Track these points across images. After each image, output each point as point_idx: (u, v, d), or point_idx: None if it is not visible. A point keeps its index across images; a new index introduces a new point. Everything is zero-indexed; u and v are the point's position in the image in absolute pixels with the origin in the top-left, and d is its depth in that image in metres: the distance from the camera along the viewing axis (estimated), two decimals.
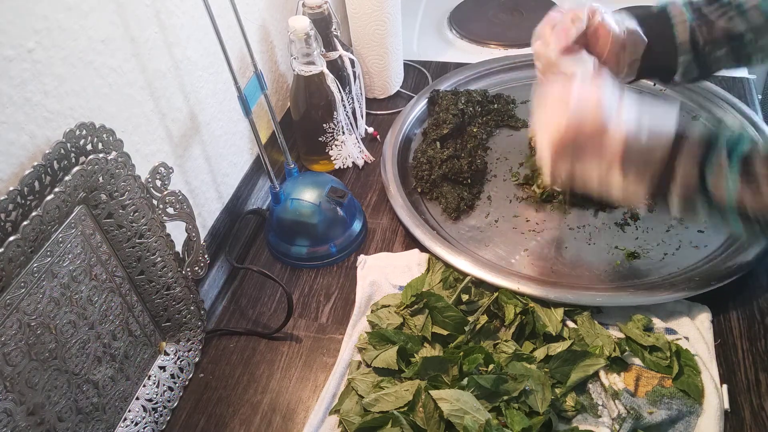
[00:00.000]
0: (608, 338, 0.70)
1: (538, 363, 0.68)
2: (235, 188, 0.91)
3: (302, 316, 0.80)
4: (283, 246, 0.87)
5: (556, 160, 0.64)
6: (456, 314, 0.72)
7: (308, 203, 0.84)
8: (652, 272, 0.78)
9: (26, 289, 0.53)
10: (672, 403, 0.65)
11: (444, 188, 0.91)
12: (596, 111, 0.61)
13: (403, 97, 1.14)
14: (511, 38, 1.25)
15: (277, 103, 1.03)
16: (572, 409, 0.66)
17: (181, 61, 0.74)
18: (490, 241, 0.85)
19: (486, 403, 0.64)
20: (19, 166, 0.54)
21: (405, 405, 0.65)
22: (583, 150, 0.63)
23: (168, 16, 0.71)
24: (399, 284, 0.80)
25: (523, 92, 1.09)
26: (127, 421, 0.67)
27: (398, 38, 1.09)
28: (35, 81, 0.54)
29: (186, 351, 0.75)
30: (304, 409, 0.71)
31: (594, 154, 0.62)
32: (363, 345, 0.73)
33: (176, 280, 0.70)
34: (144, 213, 0.64)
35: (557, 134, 0.62)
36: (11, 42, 0.51)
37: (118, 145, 0.61)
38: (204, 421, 0.71)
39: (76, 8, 0.57)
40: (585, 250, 0.82)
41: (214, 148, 0.85)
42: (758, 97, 1.03)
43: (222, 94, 0.84)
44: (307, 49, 0.87)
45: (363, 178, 0.99)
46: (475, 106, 1.01)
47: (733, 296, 0.75)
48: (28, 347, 0.54)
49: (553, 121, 0.63)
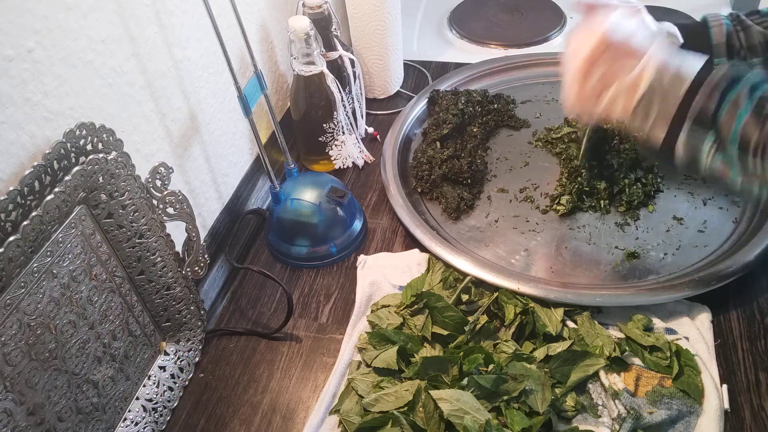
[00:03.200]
0: (608, 338, 0.70)
1: (538, 363, 0.68)
2: (235, 188, 0.91)
3: (302, 316, 0.80)
4: (283, 246, 0.87)
5: (583, 79, 0.64)
6: (456, 314, 0.72)
7: (308, 203, 0.84)
8: (652, 272, 0.78)
9: (26, 289, 0.53)
10: (672, 403, 0.65)
11: (444, 188, 0.91)
12: (629, 36, 0.61)
13: (403, 97, 1.14)
14: (511, 38, 1.25)
15: (277, 103, 1.03)
16: (572, 409, 0.66)
17: (181, 61, 0.74)
18: (490, 241, 0.85)
19: (486, 403, 0.64)
20: (19, 166, 0.54)
21: (405, 405, 0.65)
22: (611, 70, 0.62)
23: (168, 16, 0.71)
24: (399, 284, 0.80)
25: (523, 92, 1.09)
26: (127, 421, 0.67)
27: (398, 38, 1.09)
28: (35, 81, 0.54)
29: (186, 351, 0.75)
30: (304, 409, 0.71)
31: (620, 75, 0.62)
32: (363, 345, 0.73)
33: (176, 280, 0.70)
34: (144, 213, 0.64)
35: (588, 49, 0.62)
36: (11, 42, 0.51)
37: (118, 145, 0.61)
38: (204, 421, 0.71)
39: (75, 8, 0.57)
40: (585, 250, 0.82)
41: (214, 148, 0.85)
42: None
43: (222, 94, 0.84)
44: (307, 49, 0.87)
45: (363, 178, 0.99)
46: (475, 106, 1.01)
47: (733, 296, 0.75)
48: (28, 347, 0.54)
49: (585, 41, 0.63)
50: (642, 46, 0.61)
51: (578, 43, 0.64)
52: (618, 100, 0.63)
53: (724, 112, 0.59)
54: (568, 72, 0.65)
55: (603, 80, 0.63)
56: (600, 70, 0.63)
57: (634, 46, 0.61)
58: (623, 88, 0.62)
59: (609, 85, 0.63)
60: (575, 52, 0.64)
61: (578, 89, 0.64)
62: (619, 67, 0.62)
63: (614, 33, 0.62)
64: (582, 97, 0.64)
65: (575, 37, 0.65)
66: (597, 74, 0.63)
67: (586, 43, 0.62)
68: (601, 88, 0.63)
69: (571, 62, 0.64)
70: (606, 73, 0.63)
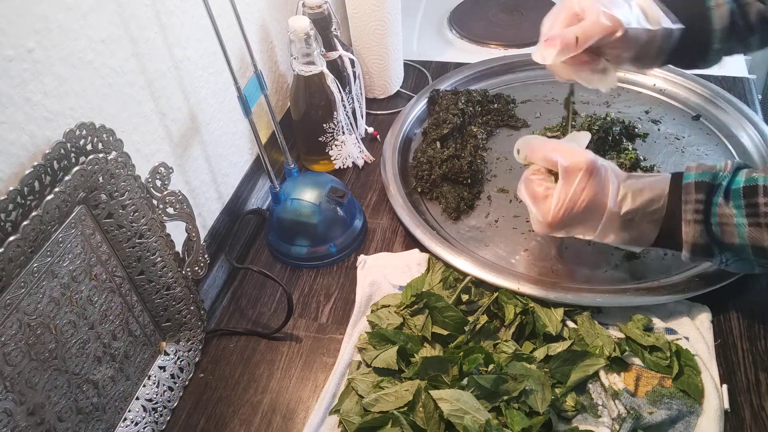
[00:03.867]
0: (608, 338, 0.70)
1: (538, 363, 0.68)
2: (235, 188, 0.91)
3: (302, 316, 0.80)
4: (283, 246, 0.87)
5: (552, 231, 0.68)
6: (456, 314, 0.72)
7: (308, 203, 0.84)
8: (652, 272, 0.78)
9: (26, 289, 0.53)
10: (672, 403, 0.65)
11: (444, 188, 0.91)
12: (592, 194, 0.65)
13: (403, 97, 1.14)
14: (511, 38, 1.25)
15: (277, 103, 1.03)
16: (572, 409, 0.66)
17: (181, 61, 0.74)
18: (490, 241, 0.85)
19: (486, 403, 0.64)
20: (19, 166, 0.54)
21: (405, 405, 0.65)
22: (581, 222, 0.67)
23: (168, 16, 0.71)
24: (399, 284, 0.80)
25: (523, 92, 1.09)
26: (127, 421, 0.67)
27: (398, 38, 1.09)
28: (35, 81, 0.54)
29: (186, 351, 0.75)
30: (304, 409, 0.71)
31: (590, 227, 0.67)
32: (363, 345, 0.73)
33: (176, 280, 0.70)
34: (144, 213, 0.64)
35: (555, 211, 0.66)
36: (11, 42, 0.51)
37: (118, 145, 0.61)
38: (204, 421, 0.71)
39: (76, 8, 0.57)
40: (585, 250, 0.82)
41: (214, 148, 0.85)
42: (758, 97, 1.03)
43: (222, 94, 0.84)
44: (307, 49, 0.87)
45: (363, 178, 0.99)
46: (475, 106, 1.01)
47: (733, 296, 0.75)
48: (28, 347, 0.54)
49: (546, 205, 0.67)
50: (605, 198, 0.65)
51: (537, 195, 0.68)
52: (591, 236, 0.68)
53: (717, 232, 0.60)
54: (536, 222, 0.69)
55: (572, 228, 0.68)
56: (567, 225, 0.67)
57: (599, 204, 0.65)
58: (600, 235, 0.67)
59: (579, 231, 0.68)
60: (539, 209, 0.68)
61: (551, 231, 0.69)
62: (588, 219, 0.66)
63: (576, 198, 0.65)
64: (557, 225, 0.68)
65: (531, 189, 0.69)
66: (565, 228, 0.68)
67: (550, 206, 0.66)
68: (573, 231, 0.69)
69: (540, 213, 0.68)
70: (573, 225, 0.67)
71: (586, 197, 0.64)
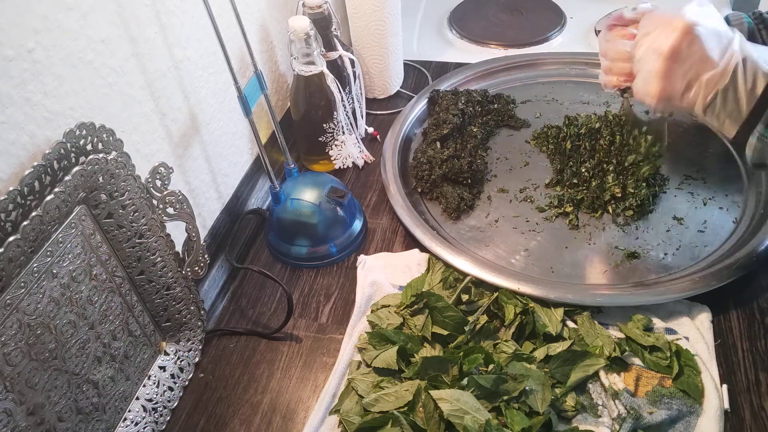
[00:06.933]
0: (608, 338, 0.70)
1: (538, 363, 0.68)
2: (235, 188, 0.91)
3: (302, 316, 0.80)
4: (283, 246, 0.87)
5: (666, 74, 0.63)
6: (456, 314, 0.72)
7: (308, 203, 0.84)
8: (652, 272, 0.78)
9: (26, 289, 0.53)
10: (672, 403, 0.65)
11: (444, 188, 0.91)
12: (713, 31, 0.60)
13: (403, 97, 1.14)
14: (511, 38, 1.25)
15: (277, 103, 1.03)
16: (572, 409, 0.66)
17: (181, 61, 0.74)
18: (490, 241, 0.85)
19: (486, 403, 0.64)
20: (19, 166, 0.54)
21: (405, 405, 0.65)
22: (695, 65, 0.62)
23: (168, 16, 0.71)
24: (399, 284, 0.80)
25: (523, 92, 1.09)
26: (127, 421, 0.67)
27: (398, 38, 1.09)
28: (35, 81, 0.54)
29: (186, 351, 0.75)
30: (304, 409, 0.71)
31: (703, 71, 0.61)
32: (363, 345, 0.73)
33: (176, 280, 0.70)
34: (144, 213, 0.64)
35: (670, 44, 0.61)
36: (11, 42, 0.51)
37: (118, 145, 0.61)
38: (204, 421, 0.71)
39: (76, 8, 0.57)
40: (585, 250, 0.82)
41: (214, 148, 0.85)
42: None
43: (222, 94, 0.84)
44: (307, 49, 0.87)
45: (363, 178, 0.99)
46: (475, 106, 1.01)
47: (733, 296, 0.75)
48: (28, 347, 0.54)
49: (665, 35, 0.62)
50: (725, 42, 0.60)
51: (655, 37, 0.63)
52: (699, 96, 0.62)
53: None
54: (646, 67, 0.64)
55: (686, 76, 0.62)
56: (684, 66, 0.62)
57: (718, 42, 0.60)
58: (704, 84, 0.61)
59: (693, 81, 0.62)
60: (653, 48, 0.63)
61: (663, 85, 0.63)
62: (701, 61, 0.61)
63: (698, 27, 0.60)
64: (666, 94, 0.64)
65: (648, 33, 0.64)
66: (681, 70, 0.62)
67: (667, 38, 0.61)
68: (685, 83, 0.63)
69: (651, 57, 0.63)
70: (689, 69, 0.62)
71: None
